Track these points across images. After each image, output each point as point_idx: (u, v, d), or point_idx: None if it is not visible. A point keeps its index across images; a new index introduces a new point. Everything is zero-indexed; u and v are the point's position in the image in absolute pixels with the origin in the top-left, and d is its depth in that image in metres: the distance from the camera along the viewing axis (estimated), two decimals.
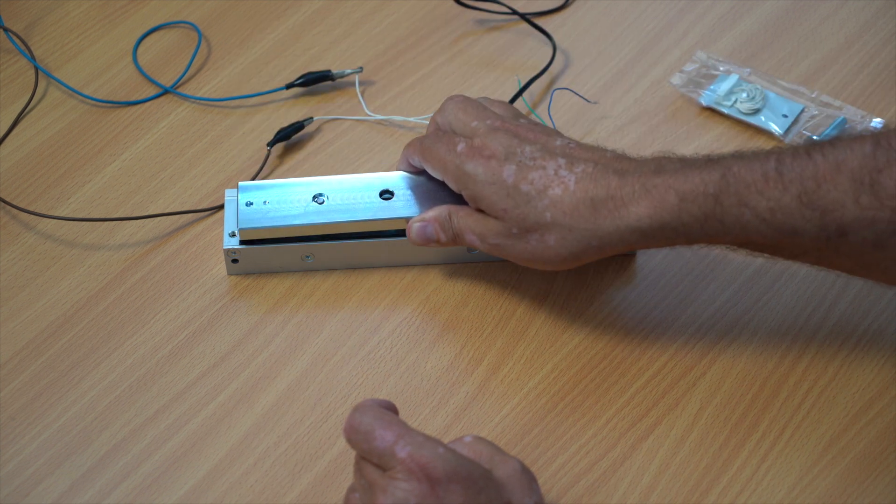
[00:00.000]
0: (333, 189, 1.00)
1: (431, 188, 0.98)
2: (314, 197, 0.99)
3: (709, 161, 0.88)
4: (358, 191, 0.99)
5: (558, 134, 0.94)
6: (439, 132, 0.97)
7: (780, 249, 0.88)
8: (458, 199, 0.95)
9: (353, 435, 0.81)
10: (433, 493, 0.78)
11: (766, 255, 0.90)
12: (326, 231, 0.99)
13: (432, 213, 0.96)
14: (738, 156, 0.88)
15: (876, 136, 0.85)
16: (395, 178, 1.00)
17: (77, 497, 0.90)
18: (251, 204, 0.99)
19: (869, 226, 0.84)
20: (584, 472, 0.90)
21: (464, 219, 0.94)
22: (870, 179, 0.83)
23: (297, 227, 0.98)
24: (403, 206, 0.98)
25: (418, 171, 0.99)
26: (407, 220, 0.97)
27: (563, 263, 0.91)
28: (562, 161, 0.91)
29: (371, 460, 0.80)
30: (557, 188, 0.90)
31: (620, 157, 0.92)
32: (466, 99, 0.97)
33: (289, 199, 0.99)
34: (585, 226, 0.89)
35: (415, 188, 0.99)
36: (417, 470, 0.78)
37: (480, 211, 0.93)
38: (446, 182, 0.95)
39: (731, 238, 0.88)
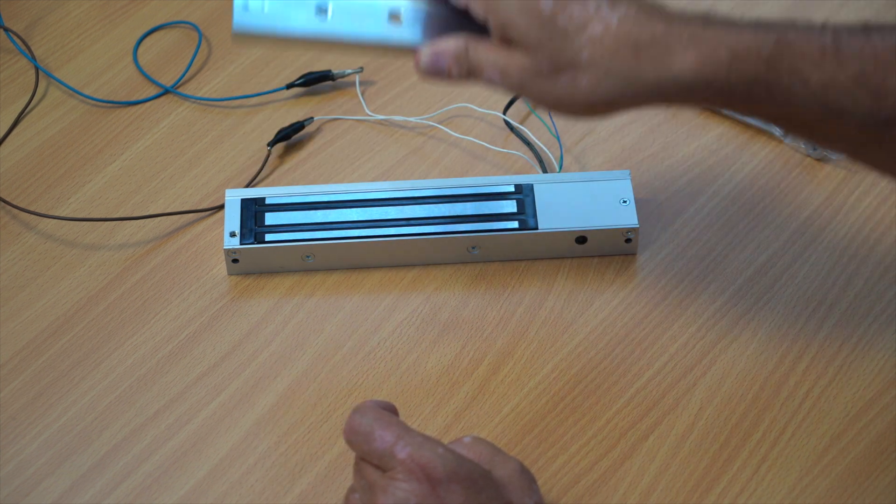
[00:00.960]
0: (339, 4, 0.89)
1: (449, 19, 0.88)
2: (318, 7, 0.89)
3: (760, 24, 0.81)
4: (366, 8, 0.89)
5: None
6: None
7: (818, 131, 0.82)
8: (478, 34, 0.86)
9: (353, 436, 0.80)
10: (433, 494, 0.78)
11: (799, 134, 0.83)
12: (328, 41, 0.89)
13: (447, 43, 0.86)
14: (791, 25, 0.81)
15: None
16: (408, 3, 0.89)
17: (77, 497, 0.90)
18: (248, 10, 0.89)
19: None
20: (585, 473, 0.90)
21: (484, 52, 0.85)
22: None
23: (296, 36, 0.89)
24: (413, 30, 0.89)
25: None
26: (415, 47, 0.89)
27: (590, 110, 0.83)
28: (604, 0, 0.82)
29: (371, 461, 0.80)
30: (598, 25, 0.81)
31: (662, 7, 0.83)
32: None
33: (290, 4, 0.89)
34: (624, 70, 0.81)
35: (430, 15, 0.89)
36: (417, 470, 0.78)
37: (505, 44, 0.84)
38: (471, 6, 0.86)
39: (774, 109, 0.81)
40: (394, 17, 0.89)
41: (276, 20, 0.88)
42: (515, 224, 1.00)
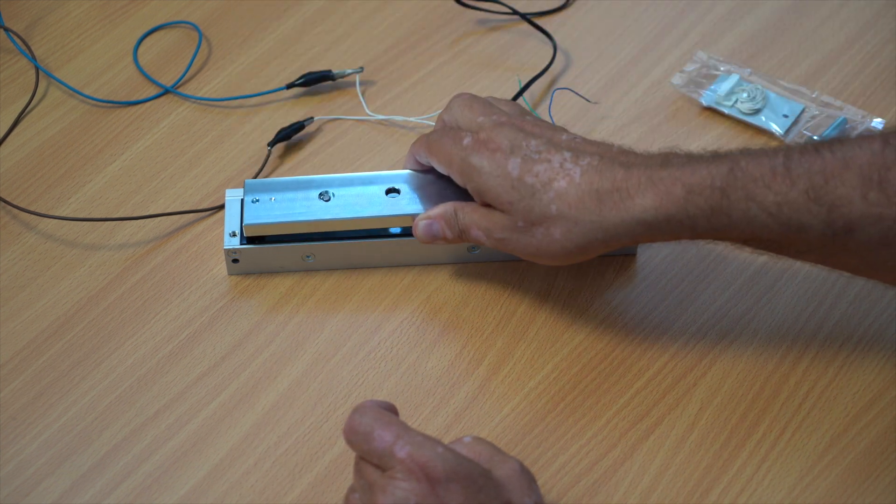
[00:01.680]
0: (340, 186, 0.99)
1: (438, 186, 0.98)
2: (320, 194, 0.99)
3: (716, 156, 0.88)
4: (364, 188, 0.99)
5: (564, 129, 0.94)
6: (446, 128, 0.97)
7: (785, 247, 0.88)
8: (464, 197, 0.95)
9: (353, 436, 0.81)
10: (433, 493, 0.78)
11: (770, 252, 0.89)
12: (333, 228, 0.98)
13: (438, 210, 0.95)
14: (746, 151, 0.88)
15: (885, 135, 0.85)
16: (402, 176, 1.00)
17: (77, 497, 0.90)
18: (257, 201, 0.99)
19: (876, 223, 0.84)
20: (585, 473, 0.90)
21: (469, 214, 0.94)
22: (878, 177, 0.83)
23: (303, 223, 0.98)
24: (409, 203, 0.98)
25: (425, 169, 0.99)
26: (413, 217, 0.97)
27: (568, 257, 0.91)
28: (567, 154, 0.90)
29: (371, 461, 0.80)
30: (562, 181, 0.89)
31: (626, 151, 0.91)
32: (473, 96, 0.97)
33: (295, 196, 0.99)
34: (591, 218, 0.88)
35: (421, 186, 0.99)
36: (417, 470, 0.78)
37: (486, 206, 0.93)
38: (452, 176, 0.95)
39: (737, 233, 0.87)
40: (391, 190, 0.99)
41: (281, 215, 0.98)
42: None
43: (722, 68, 1.12)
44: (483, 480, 0.79)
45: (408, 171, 1.00)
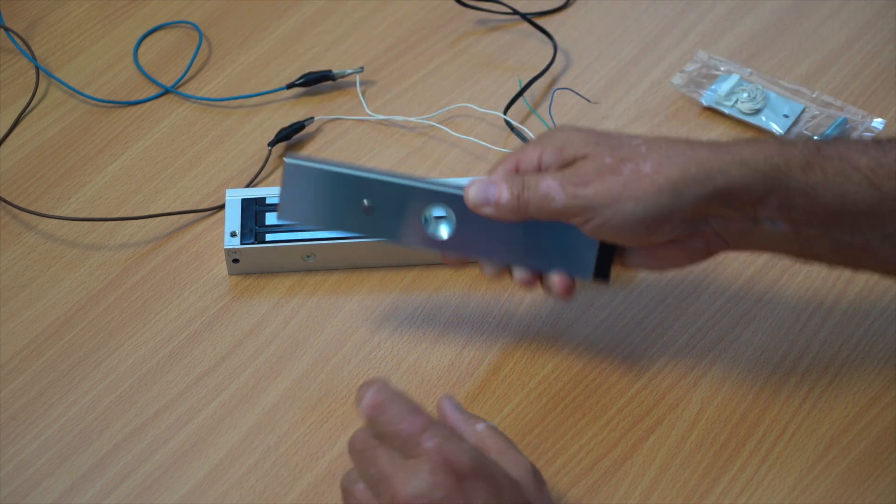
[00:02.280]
0: (384, 194, 0.90)
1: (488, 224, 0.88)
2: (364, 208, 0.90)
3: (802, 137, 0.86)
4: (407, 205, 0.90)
5: None
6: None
7: (876, 225, 0.83)
8: (517, 233, 0.88)
9: (379, 413, 0.77)
10: (459, 488, 0.75)
11: (856, 246, 0.84)
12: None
13: (500, 172, 0.87)
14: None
15: None
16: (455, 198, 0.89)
17: (78, 497, 0.90)
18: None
19: None
20: (585, 473, 0.90)
21: (540, 174, 0.85)
22: None
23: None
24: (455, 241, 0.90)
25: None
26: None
27: (658, 199, 0.82)
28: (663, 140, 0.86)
29: (392, 443, 0.77)
30: (648, 136, 0.86)
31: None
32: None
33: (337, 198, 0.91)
34: (684, 151, 0.83)
35: (471, 218, 0.88)
36: (443, 463, 0.75)
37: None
38: (530, 150, 0.86)
39: (831, 196, 0.82)
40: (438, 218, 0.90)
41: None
42: None
43: (722, 68, 1.12)
44: (506, 482, 0.77)
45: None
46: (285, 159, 0.90)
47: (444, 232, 0.90)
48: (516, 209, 0.85)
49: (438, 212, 0.90)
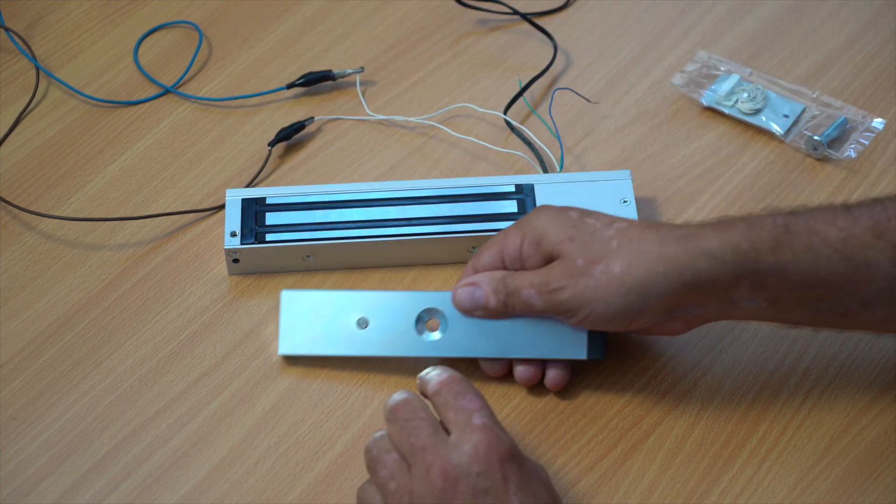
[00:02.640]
0: (376, 308, 0.94)
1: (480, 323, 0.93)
2: (358, 321, 0.94)
3: (771, 210, 0.87)
4: (401, 316, 0.94)
5: None
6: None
7: (851, 294, 0.85)
8: (512, 330, 0.92)
9: (448, 387, 0.83)
10: (499, 468, 0.80)
11: (834, 313, 0.86)
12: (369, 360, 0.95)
13: (483, 275, 0.92)
14: (802, 205, 0.87)
15: None
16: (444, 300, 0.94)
17: (78, 497, 0.90)
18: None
19: None
20: (585, 473, 0.90)
21: (520, 276, 0.90)
22: None
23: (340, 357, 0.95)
24: (450, 345, 0.93)
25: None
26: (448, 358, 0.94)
27: (628, 294, 0.86)
28: (631, 223, 0.90)
29: (445, 413, 0.82)
30: (623, 222, 0.89)
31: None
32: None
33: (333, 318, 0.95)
34: (652, 248, 0.86)
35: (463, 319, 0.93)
36: (486, 442, 0.80)
37: (536, 269, 0.90)
38: (506, 246, 0.91)
39: (802, 272, 0.85)
40: (430, 326, 0.94)
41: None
42: None
43: (722, 68, 1.12)
44: (536, 475, 0.82)
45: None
46: (281, 292, 0.95)
47: (437, 335, 0.94)
48: (503, 313, 0.91)
49: (430, 315, 0.94)
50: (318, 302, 0.95)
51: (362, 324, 0.94)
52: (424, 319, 0.94)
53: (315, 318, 0.95)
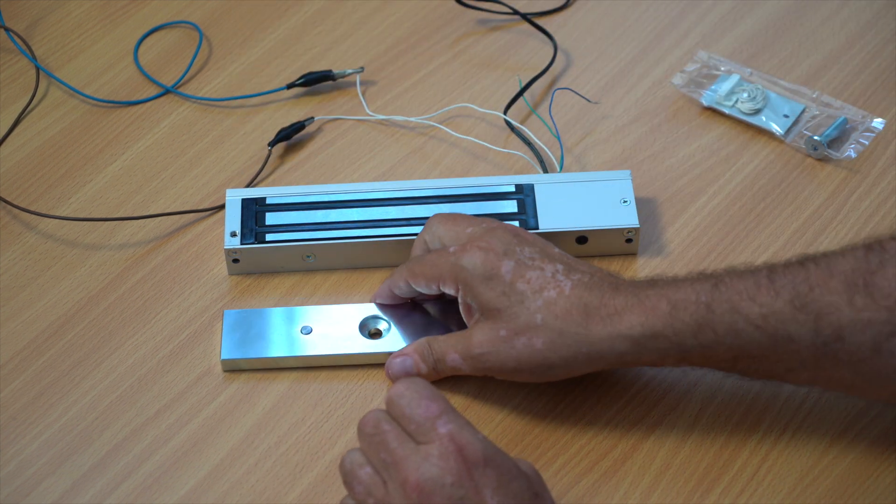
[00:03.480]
0: (318, 319, 0.97)
1: (421, 319, 0.97)
2: (301, 328, 0.96)
3: (701, 275, 0.88)
4: (342, 325, 0.96)
5: (552, 244, 0.93)
6: (428, 249, 0.95)
7: (775, 363, 0.86)
8: (442, 327, 0.95)
9: (398, 398, 0.81)
10: (469, 476, 0.78)
11: (762, 376, 0.88)
12: (310, 364, 0.96)
13: (410, 346, 0.93)
14: (731, 270, 0.87)
15: (867, 243, 0.85)
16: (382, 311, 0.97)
17: (78, 497, 0.90)
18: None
19: (865, 328, 0.83)
20: (585, 473, 0.90)
21: (444, 341, 0.92)
22: (863, 281, 0.83)
23: (282, 358, 0.96)
24: (393, 342, 0.96)
25: (400, 303, 0.97)
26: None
27: (549, 371, 0.88)
28: (560, 266, 0.90)
29: (407, 427, 0.80)
30: (553, 290, 0.88)
31: (615, 275, 0.91)
32: (452, 214, 0.95)
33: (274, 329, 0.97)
34: (576, 330, 0.87)
35: (403, 325, 0.97)
36: (455, 450, 0.78)
37: (462, 330, 0.92)
38: (443, 288, 0.92)
39: (724, 350, 0.86)
40: (373, 333, 0.96)
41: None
42: (516, 224, 1.00)
43: (722, 68, 1.12)
44: (515, 472, 0.80)
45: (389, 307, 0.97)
46: (224, 311, 0.97)
47: (380, 335, 0.96)
48: (435, 376, 0.92)
49: (373, 323, 0.97)
50: (260, 315, 0.97)
51: (306, 331, 0.96)
52: (368, 326, 0.96)
53: (259, 329, 0.96)
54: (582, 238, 1.00)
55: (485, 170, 1.07)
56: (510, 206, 1.01)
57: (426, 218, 1.00)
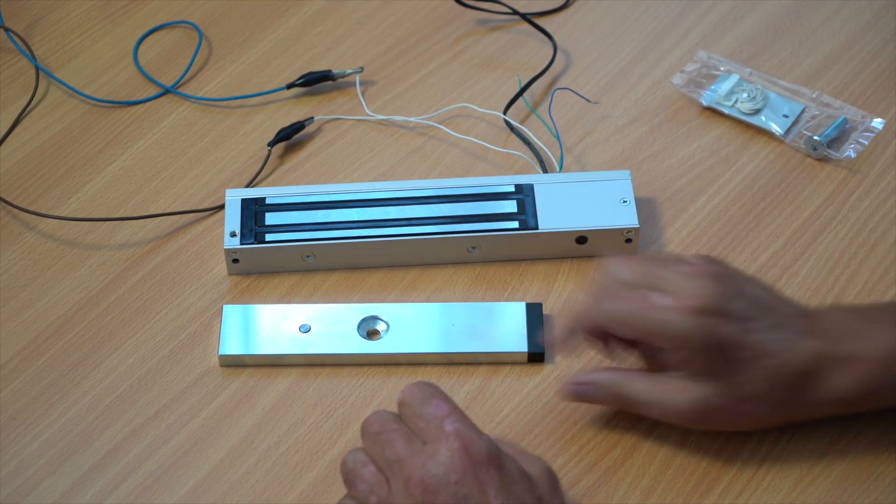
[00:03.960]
0: (318, 317, 0.97)
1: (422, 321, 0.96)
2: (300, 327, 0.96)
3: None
4: (342, 324, 0.96)
5: (753, 277, 0.90)
6: (618, 289, 0.88)
7: None
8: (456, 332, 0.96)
9: (411, 396, 0.81)
10: (474, 474, 0.77)
11: None
12: (311, 362, 0.96)
13: (596, 375, 0.90)
14: None
15: None
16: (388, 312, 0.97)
17: (78, 497, 0.90)
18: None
19: None
20: (585, 473, 0.90)
21: (638, 387, 0.88)
22: None
23: (282, 356, 0.96)
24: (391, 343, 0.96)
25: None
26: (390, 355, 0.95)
27: (766, 427, 0.90)
28: (772, 322, 0.86)
29: (415, 424, 0.80)
30: (774, 359, 0.86)
31: (821, 312, 0.89)
32: (631, 258, 0.90)
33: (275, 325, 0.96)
34: (791, 399, 0.87)
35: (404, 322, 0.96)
36: (460, 448, 0.78)
37: (657, 377, 0.88)
38: (653, 342, 0.87)
39: None
40: (371, 333, 0.96)
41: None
42: (516, 224, 1.00)
43: (722, 68, 1.12)
44: (518, 475, 0.79)
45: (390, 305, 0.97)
46: (223, 306, 0.97)
47: (378, 336, 0.96)
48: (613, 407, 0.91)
49: (372, 323, 0.96)
50: (260, 312, 0.97)
51: (304, 329, 0.96)
52: (366, 326, 0.96)
53: (257, 325, 0.96)
54: (582, 238, 1.00)
55: (484, 170, 1.07)
56: (510, 206, 1.01)
57: (426, 218, 1.00)
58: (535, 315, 0.96)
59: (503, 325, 0.96)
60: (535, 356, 0.95)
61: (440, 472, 0.77)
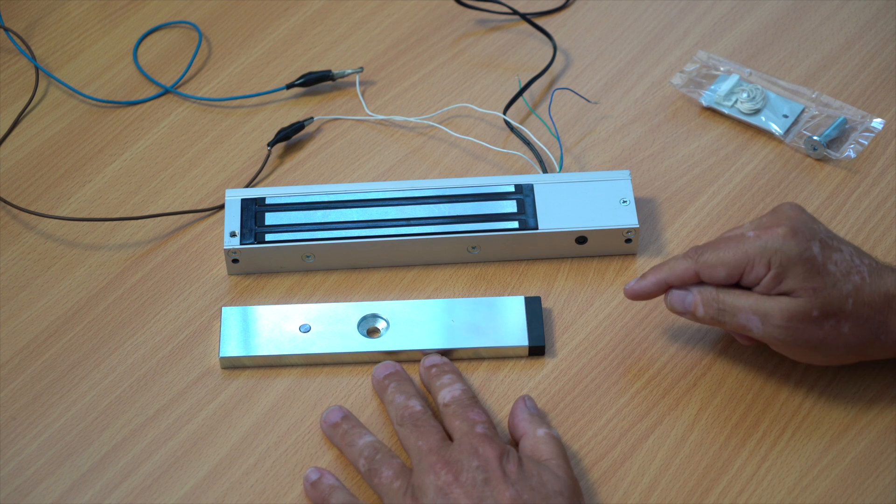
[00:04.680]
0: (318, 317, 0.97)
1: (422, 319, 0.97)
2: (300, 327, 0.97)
3: None
4: (342, 324, 0.97)
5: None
6: (707, 243, 0.93)
7: None
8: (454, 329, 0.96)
9: (461, 400, 0.90)
10: (497, 463, 0.85)
11: None
12: (312, 362, 0.96)
13: (696, 287, 0.92)
14: None
15: None
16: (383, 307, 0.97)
17: (78, 497, 0.90)
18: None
19: None
20: (585, 472, 0.90)
21: (738, 298, 0.90)
22: None
23: (282, 356, 0.96)
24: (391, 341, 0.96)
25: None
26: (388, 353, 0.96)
27: (845, 355, 0.90)
28: (851, 248, 0.91)
29: (451, 421, 0.88)
30: (857, 276, 0.89)
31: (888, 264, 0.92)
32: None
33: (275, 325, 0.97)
34: (878, 318, 0.89)
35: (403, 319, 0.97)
36: (485, 444, 0.86)
37: (758, 295, 0.90)
38: (748, 273, 0.90)
39: None
40: (371, 332, 0.97)
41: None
42: (515, 224, 1.00)
43: (722, 68, 1.12)
44: (538, 477, 0.85)
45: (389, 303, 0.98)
46: (222, 308, 0.97)
47: (379, 334, 0.96)
48: (709, 323, 0.92)
49: (372, 321, 0.97)
50: (259, 313, 0.97)
51: (304, 329, 0.96)
52: (366, 325, 0.96)
53: (257, 327, 0.96)
54: (581, 238, 1.00)
55: (484, 170, 1.07)
56: (510, 206, 1.01)
57: (426, 218, 1.00)
58: (534, 309, 0.96)
59: (503, 320, 0.96)
60: (536, 349, 0.95)
61: (464, 457, 0.85)
